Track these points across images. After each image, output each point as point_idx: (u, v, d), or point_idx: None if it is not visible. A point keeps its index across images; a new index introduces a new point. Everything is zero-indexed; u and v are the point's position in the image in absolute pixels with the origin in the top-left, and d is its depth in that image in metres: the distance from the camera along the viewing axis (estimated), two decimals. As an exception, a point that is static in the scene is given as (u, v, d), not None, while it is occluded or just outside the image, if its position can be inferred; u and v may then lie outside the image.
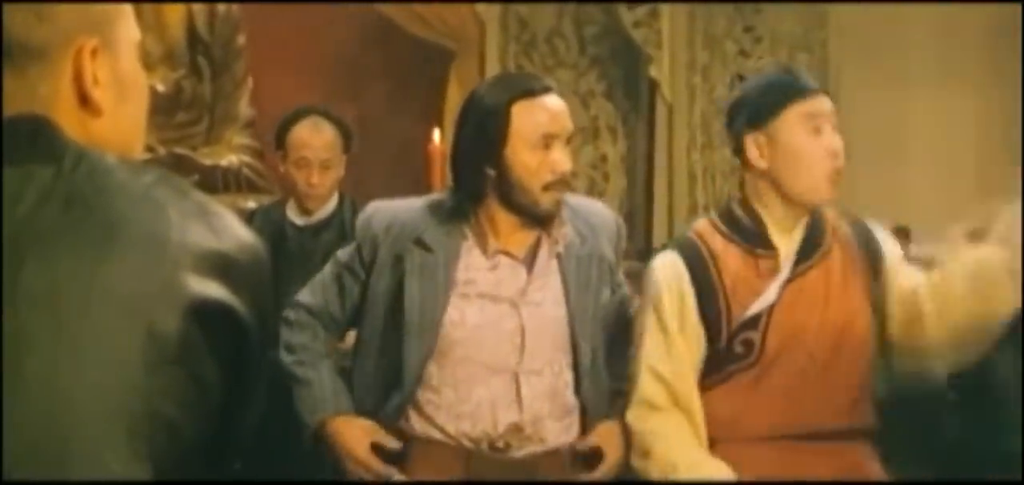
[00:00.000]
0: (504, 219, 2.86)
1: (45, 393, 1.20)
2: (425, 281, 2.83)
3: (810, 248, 2.80)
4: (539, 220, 2.84)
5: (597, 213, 3.02)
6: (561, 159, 2.80)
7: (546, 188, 2.80)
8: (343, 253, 2.99)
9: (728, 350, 2.81)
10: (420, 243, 2.85)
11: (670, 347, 2.81)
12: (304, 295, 3.00)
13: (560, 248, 2.87)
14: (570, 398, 2.89)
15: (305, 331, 2.96)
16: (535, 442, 2.84)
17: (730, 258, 2.83)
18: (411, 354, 2.82)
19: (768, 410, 2.81)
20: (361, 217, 2.97)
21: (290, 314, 2.98)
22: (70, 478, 1.19)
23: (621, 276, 3.07)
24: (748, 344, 2.82)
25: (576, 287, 2.86)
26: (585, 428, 2.91)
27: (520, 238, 2.87)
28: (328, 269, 3.00)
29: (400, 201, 3.03)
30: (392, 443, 2.86)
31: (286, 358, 2.95)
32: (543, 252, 2.87)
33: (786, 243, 2.81)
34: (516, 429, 2.83)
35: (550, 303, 2.86)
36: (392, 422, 2.87)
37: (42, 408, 1.20)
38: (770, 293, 2.80)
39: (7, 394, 1.19)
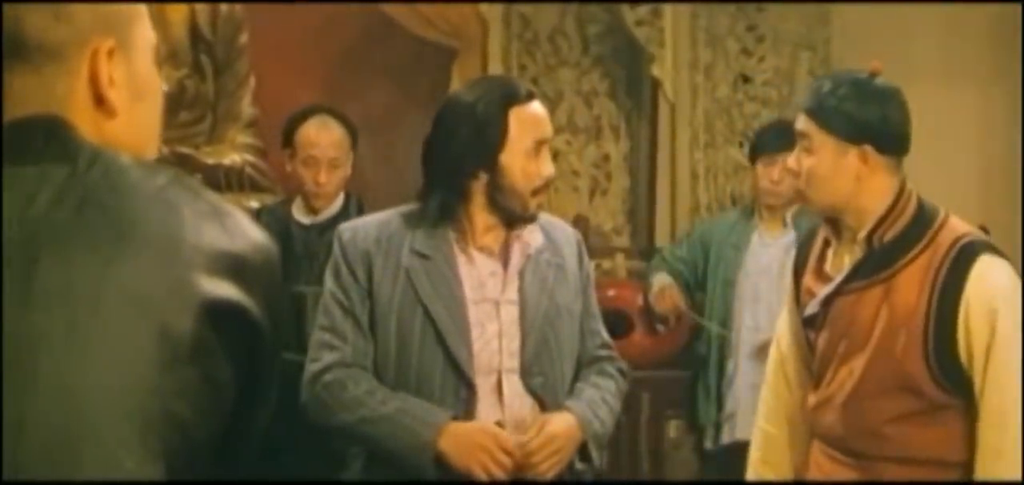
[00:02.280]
0: (484, 220, 2.89)
1: (59, 392, 1.20)
2: (440, 289, 2.84)
3: (870, 268, 2.77)
4: (522, 222, 2.89)
5: (559, 228, 3.07)
6: (548, 164, 2.87)
7: (535, 192, 2.86)
8: (336, 290, 2.90)
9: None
10: (416, 252, 2.86)
11: (785, 309, 3.06)
12: (328, 355, 2.87)
13: (531, 250, 2.91)
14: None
15: (360, 382, 2.85)
16: (517, 435, 2.85)
17: (816, 256, 2.92)
18: (461, 356, 2.81)
19: (824, 417, 2.85)
20: (343, 240, 2.92)
21: (327, 377, 2.86)
22: (84, 477, 1.20)
23: (594, 305, 3.10)
24: (809, 341, 2.90)
25: (530, 283, 2.89)
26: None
27: (494, 237, 2.91)
28: (333, 315, 2.89)
29: (372, 216, 3.03)
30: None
31: (354, 414, 2.83)
32: (516, 252, 2.91)
33: (847, 257, 2.83)
34: (498, 428, 2.83)
35: (516, 303, 2.89)
36: None
37: (56, 407, 1.20)
38: (814, 304, 2.86)
39: (22, 393, 1.19)
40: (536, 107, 2.88)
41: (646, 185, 6.00)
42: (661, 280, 5.05)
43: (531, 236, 2.92)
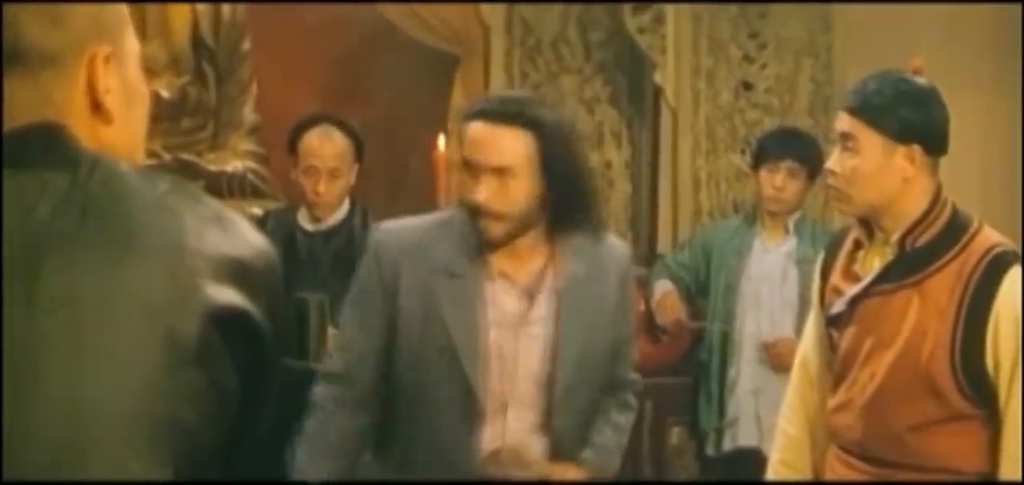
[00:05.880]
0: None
1: (65, 400, 1.20)
2: (463, 309, 2.78)
3: (901, 271, 2.75)
4: (484, 244, 2.81)
5: (607, 250, 2.95)
6: (478, 190, 2.75)
7: (473, 215, 2.78)
8: (359, 291, 2.88)
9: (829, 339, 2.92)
10: (447, 270, 2.80)
11: (813, 315, 3.03)
12: (327, 386, 2.88)
13: (561, 284, 2.83)
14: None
15: (323, 436, 2.85)
16: (516, 470, 2.81)
17: (845, 256, 2.89)
18: (475, 382, 2.76)
19: (843, 419, 2.83)
20: (377, 239, 2.89)
21: (317, 409, 2.86)
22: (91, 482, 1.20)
23: (630, 327, 3.05)
24: (831, 340, 2.88)
25: (567, 323, 2.82)
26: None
27: (516, 264, 2.84)
28: (347, 319, 2.88)
29: (409, 221, 2.97)
30: None
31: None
32: (547, 284, 2.84)
33: (878, 259, 2.81)
34: (494, 456, 2.79)
35: (542, 336, 2.82)
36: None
37: (62, 415, 1.20)
38: (840, 303, 2.83)
39: (28, 401, 1.19)
40: (477, 127, 2.77)
41: (648, 192, 6.00)
42: (662, 287, 5.05)
43: (563, 269, 2.84)
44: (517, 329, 2.82)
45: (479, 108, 2.81)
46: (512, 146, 2.74)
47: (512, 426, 2.81)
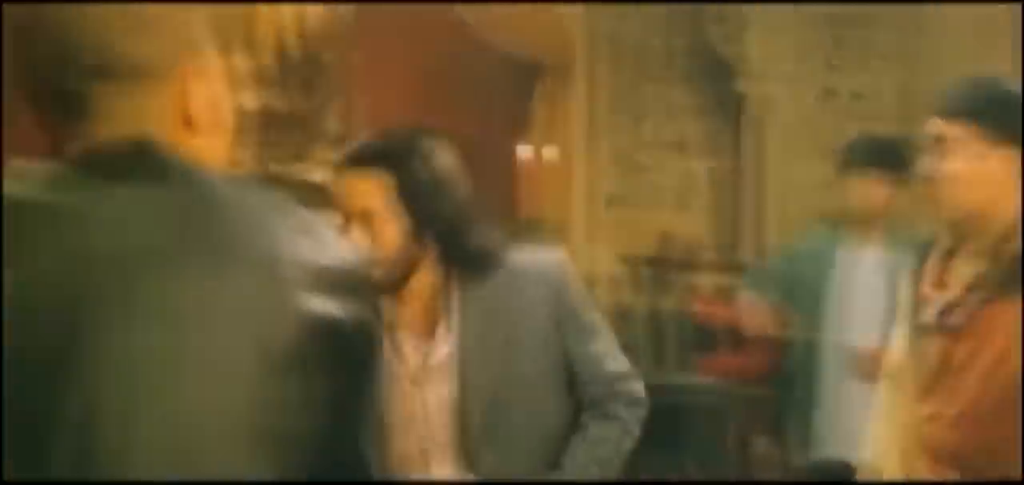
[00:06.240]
0: (408, 285, 2.76)
1: (168, 412, 1.22)
2: None
3: (994, 280, 2.68)
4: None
5: (530, 270, 2.81)
6: (344, 235, 2.69)
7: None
8: None
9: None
10: None
11: (902, 323, 2.96)
12: None
13: (463, 319, 2.75)
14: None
15: None
16: None
17: (936, 263, 2.83)
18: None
19: (934, 429, 2.79)
20: None
21: None
22: None
23: (595, 344, 2.86)
24: (922, 350, 2.83)
25: (473, 356, 2.73)
26: None
27: (413, 310, 2.78)
28: None
29: None
30: None
31: None
32: (448, 323, 2.76)
33: (970, 267, 2.76)
34: None
35: (449, 377, 2.74)
36: None
37: (164, 428, 1.22)
38: (931, 312, 2.78)
39: (129, 415, 1.21)
40: (341, 175, 2.74)
41: (731, 199, 5.97)
42: (748, 297, 5.02)
43: (465, 298, 2.76)
44: (423, 376, 2.76)
45: (343, 155, 2.77)
46: (368, 190, 2.70)
47: (438, 473, 2.75)
